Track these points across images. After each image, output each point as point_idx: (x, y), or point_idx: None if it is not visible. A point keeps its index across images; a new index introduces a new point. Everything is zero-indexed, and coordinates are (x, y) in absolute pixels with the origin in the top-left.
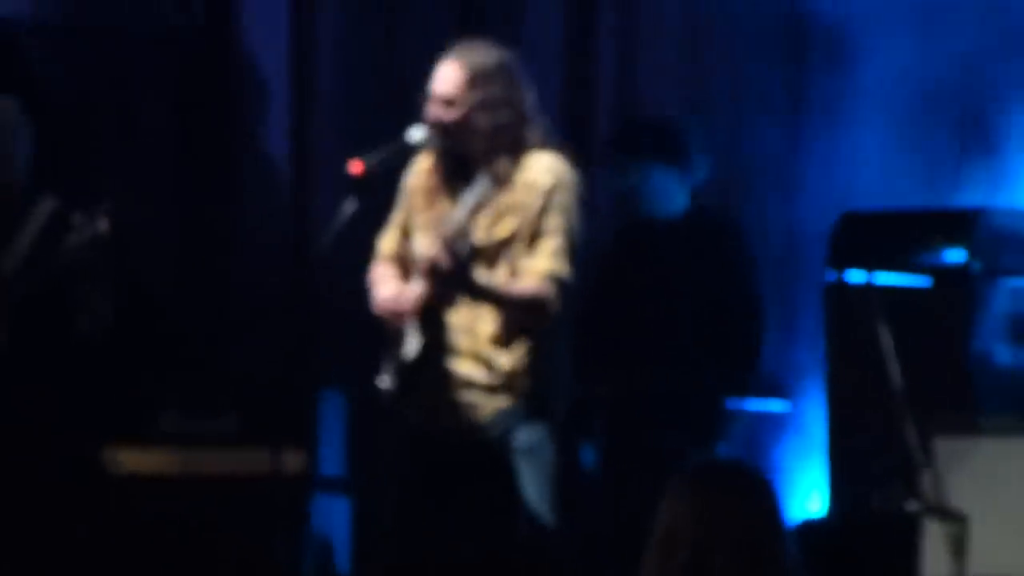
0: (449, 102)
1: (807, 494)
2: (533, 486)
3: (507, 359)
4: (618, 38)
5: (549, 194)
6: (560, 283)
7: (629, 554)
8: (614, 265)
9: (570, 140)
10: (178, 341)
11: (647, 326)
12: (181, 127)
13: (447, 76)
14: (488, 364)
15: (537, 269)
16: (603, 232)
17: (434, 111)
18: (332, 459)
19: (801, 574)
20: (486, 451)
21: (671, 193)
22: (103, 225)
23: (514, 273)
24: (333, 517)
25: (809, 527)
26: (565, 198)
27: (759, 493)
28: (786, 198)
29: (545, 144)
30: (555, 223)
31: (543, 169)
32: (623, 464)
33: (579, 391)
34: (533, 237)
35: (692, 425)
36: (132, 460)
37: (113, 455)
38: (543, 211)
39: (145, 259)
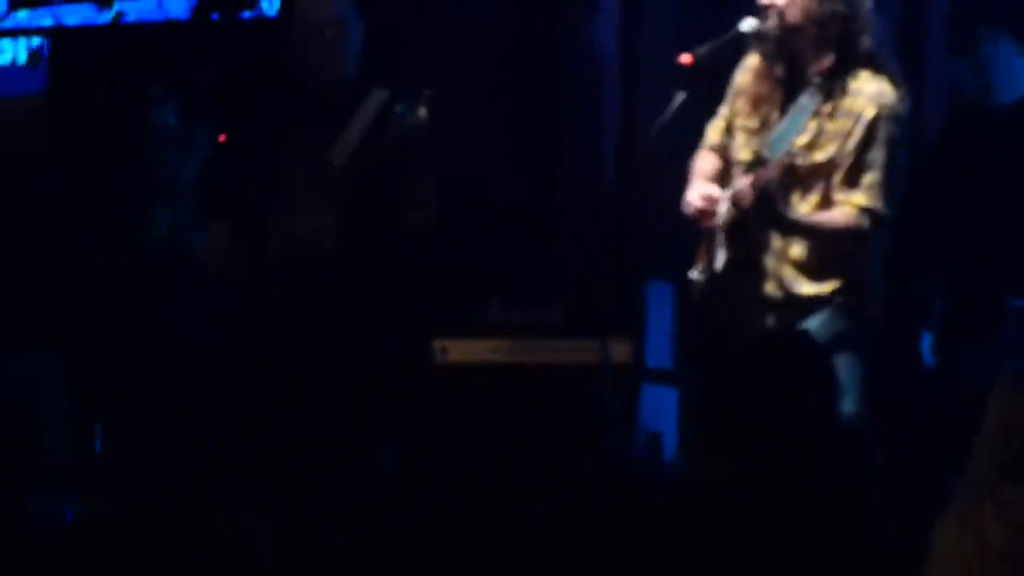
0: None
1: None
2: (840, 380)
3: (811, 287)
4: None
5: (872, 125)
6: (876, 218)
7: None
8: (945, 153)
9: (900, 30)
10: (505, 232)
11: (986, 216)
12: (510, 20)
13: None
14: (790, 289)
15: (854, 202)
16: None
17: None
18: (660, 350)
19: None
20: (791, 357)
21: (1013, 76)
22: (423, 114)
23: (827, 201)
24: (661, 407)
25: None
26: (890, 130)
27: None
28: None
29: (878, 58)
30: (876, 156)
31: (870, 96)
32: (960, 360)
33: (916, 286)
34: (852, 167)
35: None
36: (460, 350)
37: (442, 346)
38: (865, 143)
39: (474, 151)
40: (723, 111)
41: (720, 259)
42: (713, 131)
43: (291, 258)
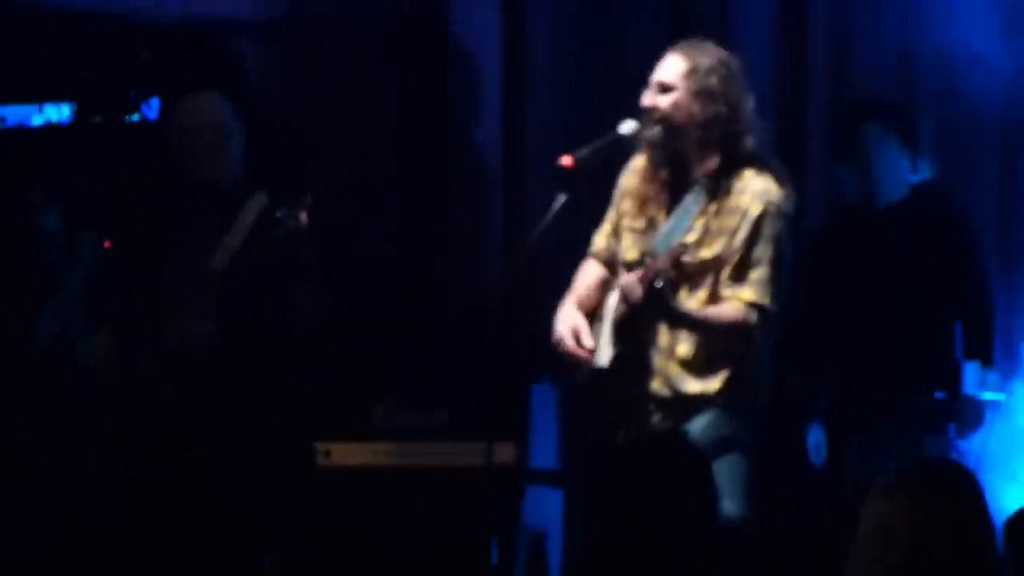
0: (666, 88)
1: (1020, 486)
2: (725, 482)
3: (697, 386)
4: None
5: (758, 222)
6: (764, 313)
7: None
8: (831, 252)
9: (781, 131)
10: (391, 334)
11: (873, 314)
12: (394, 119)
13: (667, 64)
14: (676, 387)
15: (741, 297)
16: (813, 220)
17: (650, 97)
18: (545, 451)
19: (1009, 572)
20: (675, 459)
21: (898, 174)
22: (303, 218)
23: (715, 298)
24: (546, 509)
25: (1020, 519)
26: (776, 227)
27: (973, 495)
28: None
29: (762, 158)
30: (763, 253)
31: (755, 194)
32: (846, 456)
33: (801, 383)
34: (739, 264)
35: (914, 416)
36: (345, 453)
37: (326, 449)
38: (751, 239)
39: (359, 254)
40: (609, 215)
41: (606, 355)
42: (599, 237)
43: (172, 361)
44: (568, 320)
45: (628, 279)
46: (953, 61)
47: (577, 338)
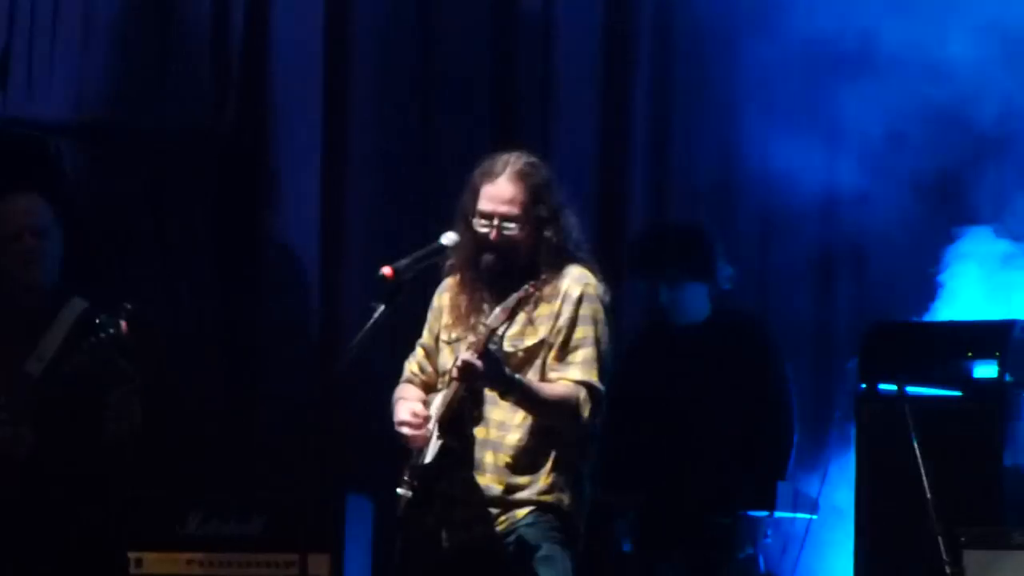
0: (517, 221)
1: None
2: None
3: (526, 479)
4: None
5: (578, 303)
6: (592, 391)
7: None
8: (635, 371)
9: (602, 246)
10: (206, 444)
11: (673, 432)
12: (213, 228)
13: (509, 195)
14: (502, 487)
15: (569, 377)
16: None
17: (495, 230)
18: (358, 564)
19: None
20: (501, 561)
21: (699, 303)
22: (123, 326)
23: (543, 380)
24: None
25: None
26: (594, 307)
27: None
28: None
29: (578, 251)
30: (586, 333)
31: (575, 278)
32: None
33: (606, 496)
34: (563, 346)
35: (719, 535)
36: (157, 563)
37: (138, 557)
38: (572, 320)
39: (175, 360)
40: (422, 340)
41: (431, 453)
42: (411, 363)
43: None
44: (406, 402)
45: (464, 355)
46: (769, 180)
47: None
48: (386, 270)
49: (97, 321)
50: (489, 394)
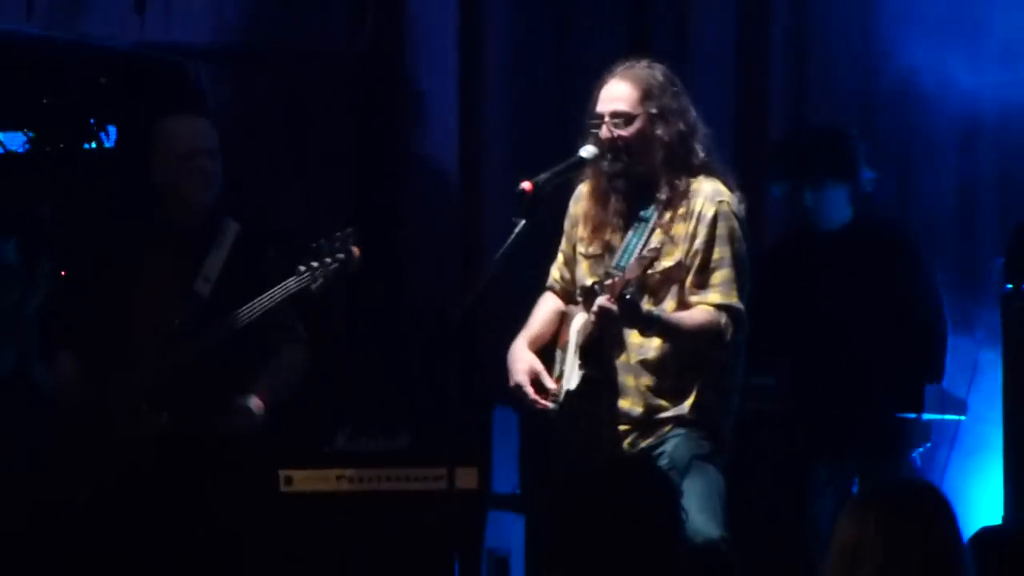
0: (626, 119)
1: (984, 503)
2: (696, 503)
3: (667, 406)
4: (789, 49)
5: (713, 224)
6: (733, 312)
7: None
8: (775, 277)
9: (742, 151)
10: (351, 361)
11: (816, 339)
12: (352, 150)
13: (618, 93)
14: (645, 408)
15: (709, 302)
16: (765, 239)
17: (610, 130)
18: (506, 476)
19: None
20: (651, 475)
21: (841, 207)
22: (354, 253)
23: (682, 305)
24: (508, 534)
25: (986, 536)
26: (730, 227)
27: (943, 514)
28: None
29: (710, 165)
30: (723, 253)
31: (707, 196)
32: (798, 481)
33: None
34: (700, 268)
35: (871, 441)
36: (308, 479)
37: (288, 475)
38: (708, 242)
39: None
40: (562, 246)
41: (575, 380)
42: (554, 269)
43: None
44: (524, 364)
45: (601, 301)
46: (914, 64)
47: (536, 382)
48: (525, 184)
49: (323, 246)
50: None
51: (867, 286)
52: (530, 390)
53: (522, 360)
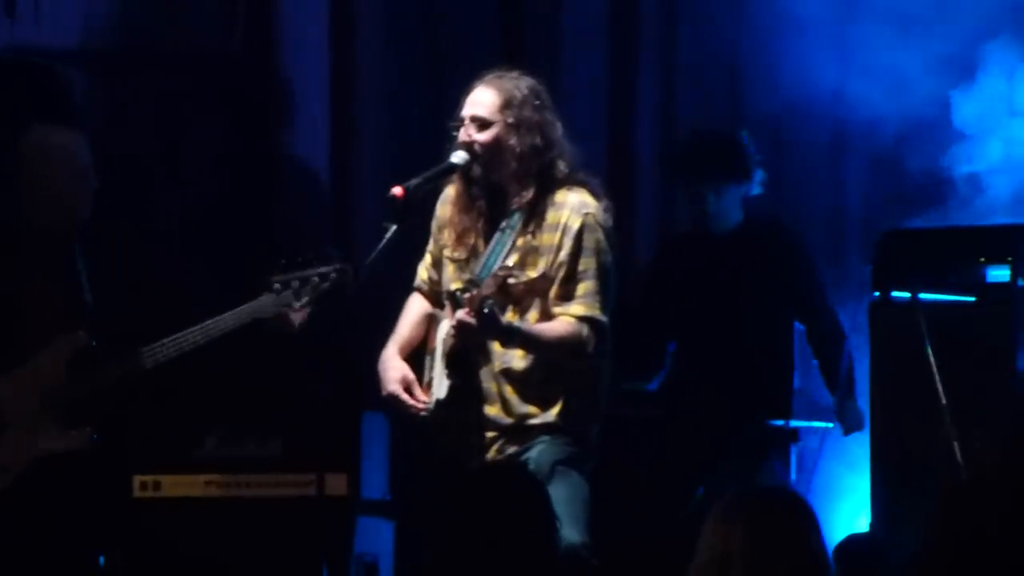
0: (483, 124)
1: (850, 511)
2: (558, 509)
3: (533, 412)
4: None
5: (579, 235)
6: (595, 325)
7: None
8: (664, 277)
9: (611, 159)
10: (222, 365)
11: (703, 343)
12: (224, 151)
13: (480, 98)
14: (512, 414)
15: (572, 313)
16: (635, 247)
17: (467, 133)
18: (376, 482)
19: None
20: (518, 480)
21: (735, 209)
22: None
23: (545, 316)
24: (377, 539)
25: (850, 544)
26: (596, 238)
27: (808, 522)
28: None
29: (575, 177)
30: (587, 265)
31: (573, 207)
32: (675, 487)
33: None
34: (565, 279)
35: (742, 446)
36: (176, 485)
37: (155, 480)
38: (574, 253)
39: (190, 281)
40: (429, 247)
41: (443, 388)
42: (421, 269)
43: None
44: (396, 373)
45: (459, 315)
46: (782, 76)
47: (409, 391)
48: (396, 190)
49: (308, 258)
50: None
51: (765, 288)
52: (405, 397)
53: (394, 369)
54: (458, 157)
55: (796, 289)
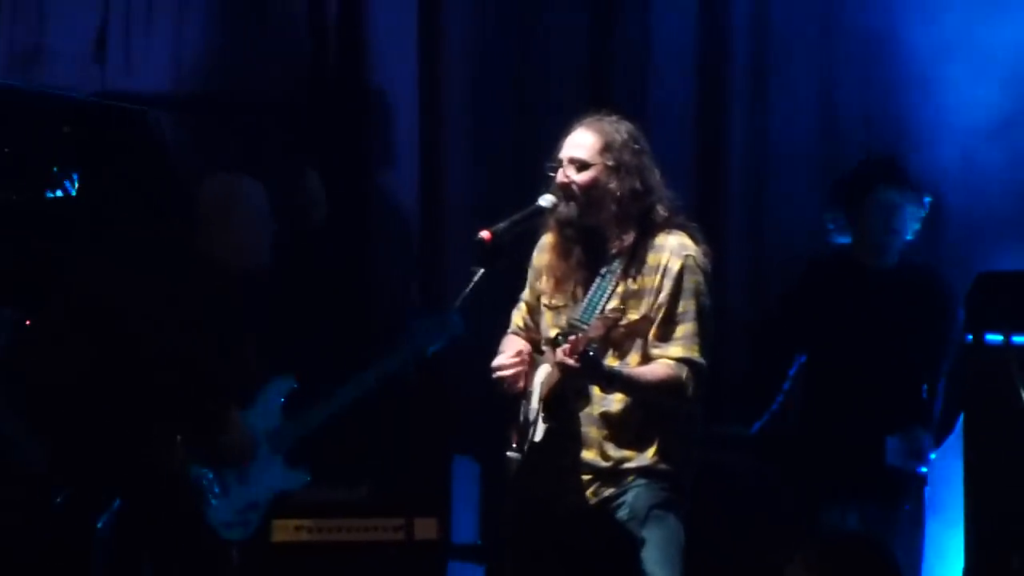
0: (582, 165)
1: (944, 555)
2: (654, 554)
3: (632, 452)
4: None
5: (679, 277)
6: (694, 367)
7: None
8: (811, 296)
9: (702, 204)
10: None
11: (845, 376)
12: (312, 197)
13: (579, 140)
14: (608, 459)
15: (671, 355)
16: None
17: (565, 174)
18: (466, 526)
19: None
20: (611, 525)
21: (903, 238)
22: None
23: (646, 359)
24: None
25: None
26: (695, 280)
27: (888, 572)
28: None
29: (673, 220)
30: (687, 307)
31: (673, 250)
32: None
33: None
34: (664, 321)
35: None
36: (270, 530)
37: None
38: (674, 295)
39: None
40: (524, 295)
41: (539, 433)
42: (516, 316)
43: None
44: (518, 347)
45: (561, 356)
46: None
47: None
48: (484, 233)
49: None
50: None
51: (915, 333)
52: (504, 361)
53: (516, 345)
54: (545, 200)
55: (938, 348)
